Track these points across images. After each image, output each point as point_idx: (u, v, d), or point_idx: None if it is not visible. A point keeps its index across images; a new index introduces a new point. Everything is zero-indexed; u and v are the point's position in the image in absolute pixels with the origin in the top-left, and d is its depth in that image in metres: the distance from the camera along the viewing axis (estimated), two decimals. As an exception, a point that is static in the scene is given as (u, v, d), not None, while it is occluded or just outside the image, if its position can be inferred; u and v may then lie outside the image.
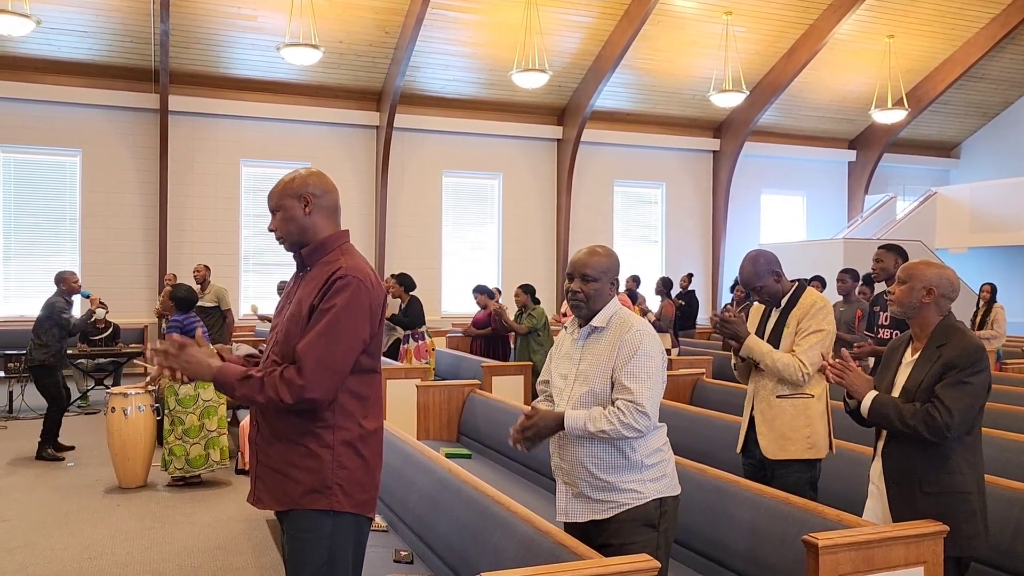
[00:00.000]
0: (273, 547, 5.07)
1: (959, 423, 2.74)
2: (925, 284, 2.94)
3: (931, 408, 2.75)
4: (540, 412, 2.74)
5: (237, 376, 2.36)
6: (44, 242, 13.68)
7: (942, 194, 19.06)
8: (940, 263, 3.08)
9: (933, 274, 2.95)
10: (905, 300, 2.97)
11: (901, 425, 2.80)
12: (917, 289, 2.94)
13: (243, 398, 2.38)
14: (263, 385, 2.33)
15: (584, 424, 2.64)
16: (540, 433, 2.72)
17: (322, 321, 2.34)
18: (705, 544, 3.41)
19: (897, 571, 2.57)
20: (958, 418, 2.73)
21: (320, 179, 2.54)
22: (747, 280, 3.78)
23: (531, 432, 2.71)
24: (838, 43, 15.66)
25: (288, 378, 2.31)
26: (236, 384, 2.36)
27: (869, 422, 2.96)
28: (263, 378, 2.34)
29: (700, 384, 6.98)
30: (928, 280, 2.94)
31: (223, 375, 2.38)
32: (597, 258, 2.80)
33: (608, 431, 2.61)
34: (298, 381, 2.30)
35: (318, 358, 2.31)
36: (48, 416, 7.55)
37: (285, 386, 2.30)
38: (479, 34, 14.09)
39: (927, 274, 2.95)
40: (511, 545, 2.93)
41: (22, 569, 4.69)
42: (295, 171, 2.57)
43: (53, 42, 12.77)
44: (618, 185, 17.35)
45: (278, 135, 14.66)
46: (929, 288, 2.93)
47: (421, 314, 8.85)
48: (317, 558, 2.39)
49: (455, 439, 6.26)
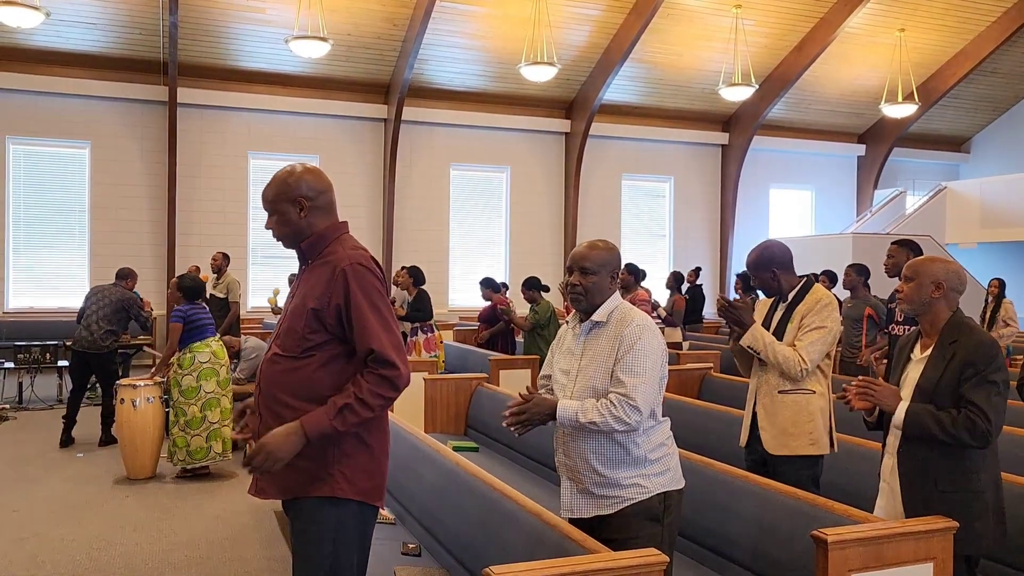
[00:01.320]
0: (281, 539, 5.08)
1: (997, 424, 2.74)
2: (933, 279, 2.92)
3: (970, 414, 2.72)
4: (536, 398, 2.73)
5: (330, 416, 2.33)
6: (53, 234, 13.74)
7: (952, 189, 18.96)
8: (945, 257, 3.07)
9: (940, 268, 2.93)
10: (914, 297, 2.94)
11: (943, 435, 2.74)
12: (926, 285, 2.92)
13: (353, 426, 2.36)
14: (364, 402, 2.34)
15: (575, 415, 2.64)
16: (532, 419, 2.71)
17: (363, 314, 2.38)
18: (711, 538, 3.41)
19: (907, 567, 2.56)
20: (995, 419, 2.73)
21: (315, 178, 2.54)
22: (748, 267, 3.85)
23: (525, 416, 2.71)
24: (849, 37, 15.58)
25: (380, 376, 2.35)
26: (335, 423, 2.33)
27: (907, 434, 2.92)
28: (358, 397, 2.33)
29: (708, 378, 6.96)
30: (935, 275, 2.92)
31: (313, 429, 2.32)
32: (596, 251, 2.79)
33: (598, 423, 2.60)
34: (394, 373, 2.36)
35: (392, 343, 2.38)
36: (107, 401, 7.82)
37: (387, 385, 2.36)
38: (487, 27, 14.06)
39: (934, 269, 2.93)
40: (518, 538, 2.94)
41: (32, 559, 4.72)
42: (289, 169, 2.55)
43: (62, 34, 12.79)
44: (626, 179, 17.31)
45: (286, 127, 14.67)
46: (938, 283, 2.91)
47: (429, 307, 8.85)
48: (322, 548, 2.40)
49: (462, 432, 6.27)
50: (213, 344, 6.61)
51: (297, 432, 2.32)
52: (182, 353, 6.51)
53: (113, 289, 8.08)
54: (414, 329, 8.84)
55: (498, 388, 6.45)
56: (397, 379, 2.36)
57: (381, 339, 2.37)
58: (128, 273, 8.32)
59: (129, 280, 8.28)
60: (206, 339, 6.56)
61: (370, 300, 2.39)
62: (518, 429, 2.73)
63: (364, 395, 2.33)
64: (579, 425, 2.64)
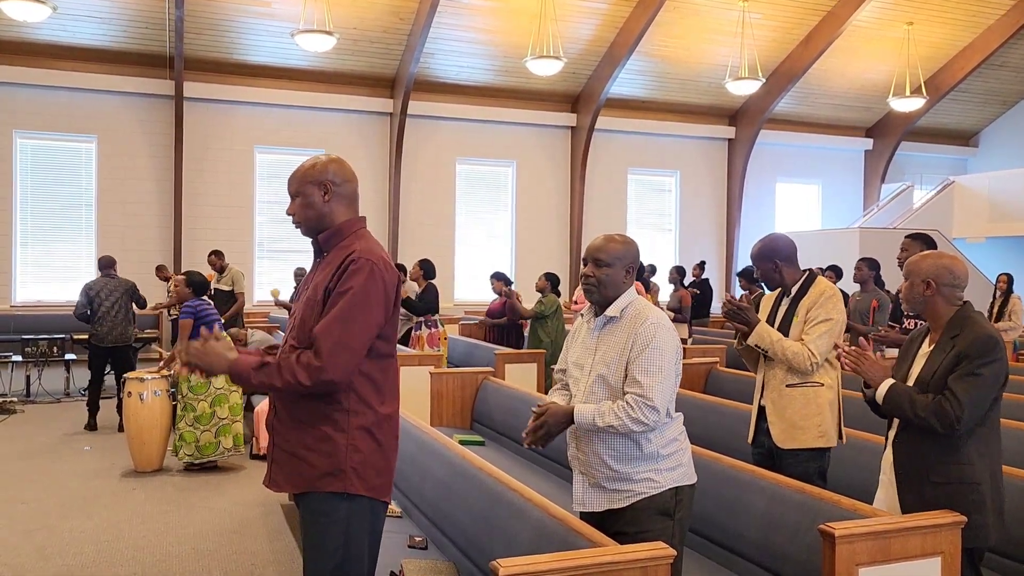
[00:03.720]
0: (288, 532, 5.10)
1: (969, 415, 2.72)
2: (923, 277, 2.92)
3: (942, 400, 2.74)
4: (550, 409, 2.73)
5: (252, 366, 2.38)
6: (60, 228, 13.77)
7: (960, 183, 18.86)
8: (939, 253, 3.05)
9: (928, 266, 2.92)
10: (908, 296, 2.98)
11: (913, 416, 2.79)
12: (916, 284, 2.93)
13: (260, 386, 2.39)
14: (280, 370, 2.35)
15: (593, 419, 2.64)
16: (551, 431, 2.72)
17: (338, 304, 2.36)
18: (719, 532, 3.41)
19: (914, 562, 2.56)
20: (968, 410, 2.71)
21: (340, 167, 2.56)
22: (752, 257, 3.89)
23: (543, 431, 2.72)
24: (856, 30, 15.50)
25: (305, 361, 2.33)
26: (252, 373, 2.37)
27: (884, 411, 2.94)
28: (279, 364, 2.36)
29: (714, 373, 6.96)
30: (924, 273, 2.92)
31: (238, 366, 2.39)
32: (613, 244, 2.79)
33: (616, 426, 2.61)
34: (315, 363, 2.32)
35: (335, 340, 2.33)
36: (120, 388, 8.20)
37: (303, 369, 2.33)
38: (493, 20, 14.03)
39: (922, 267, 2.93)
40: (525, 532, 2.94)
41: (40, 551, 4.74)
42: (316, 157, 2.58)
43: (68, 28, 12.80)
44: (632, 173, 17.27)
45: (292, 122, 14.67)
46: (927, 281, 2.91)
47: (436, 301, 8.86)
48: (333, 541, 2.41)
49: (468, 426, 6.28)
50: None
51: (228, 360, 2.39)
52: (190, 349, 6.51)
53: (115, 281, 8.36)
54: (418, 324, 8.85)
55: (504, 382, 6.45)
56: (316, 371, 2.32)
57: (329, 330, 2.34)
58: (113, 260, 8.58)
59: (115, 266, 8.54)
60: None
61: (355, 295, 2.36)
62: (539, 443, 2.74)
63: (284, 366, 2.35)
64: (597, 429, 2.65)
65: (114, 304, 8.18)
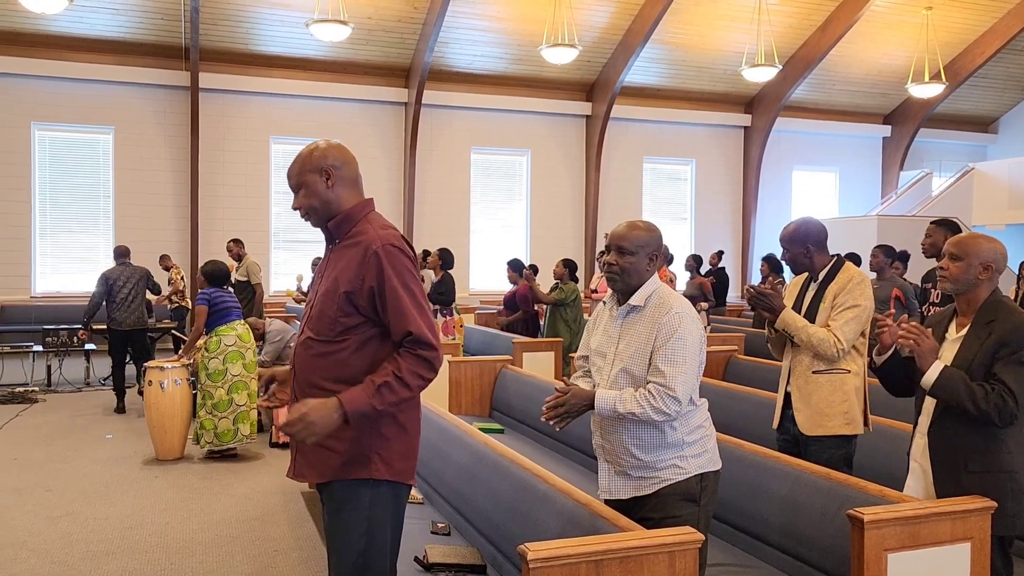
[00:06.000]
0: (309, 519, 5.13)
1: (1022, 405, 2.70)
2: (983, 261, 2.85)
3: (1003, 393, 2.68)
4: (572, 390, 2.71)
5: (368, 395, 2.31)
6: (78, 219, 13.87)
7: (979, 170, 18.66)
8: (989, 236, 2.99)
9: (988, 250, 2.86)
10: (961, 277, 2.86)
11: (971, 406, 2.70)
12: (974, 266, 2.85)
13: (390, 406, 2.34)
14: (403, 381, 2.33)
15: (614, 405, 2.63)
16: (571, 411, 2.70)
17: (397, 297, 2.36)
18: (743, 518, 3.40)
19: (943, 547, 2.54)
20: (1022, 401, 2.69)
21: (338, 150, 2.52)
22: (781, 241, 3.81)
23: (563, 409, 2.69)
24: (874, 15, 15.34)
25: (417, 356, 2.34)
26: (374, 402, 2.31)
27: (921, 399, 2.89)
28: (397, 376, 2.32)
29: (733, 360, 6.93)
30: (985, 257, 2.85)
31: (352, 406, 2.30)
32: (636, 232, 2.76)
33: (637, 414, 2.59)
34: (431, 354, 2.35)
35: (427, 325, 2.37)
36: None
37: (425, 365, 2.35)
38: (508, 9, 13.97)
39: (983, 250, 2.85)
40: (550, 518, 2.94)
41: (65, 537, 4.79)
42: (312, 145, 2.52)
43: (85, 20, 12.86)
44: (647, 161, 17.20)
45: (307, 112, 14.69)
46: (987, 265, 2.85)
47: (452, 291, 8.89)
48: (356, 528, 2.40)
49: (487, 414, 6.29)
50: (239, 327, 6.66)
51: (336, 408, 2.29)
52: (208, 336, 6.56)
53: (131, 268, 8.77)
54: (434, 312, 8.87)
55: (522, 370, 6.45)
56: (435, 360, 2.36)
57: (417, 321, 2.36)
58: (127, 250, 8.99)
59: (129, 255, 8.96)
60: (231, 322, 6.61)
61: (403, 282, 2.37)
62: (557, 423, 2.72)
63: (403, 374, 2.32)
64: (618, 415, 2.64)
65: (132, 290, 8.60)
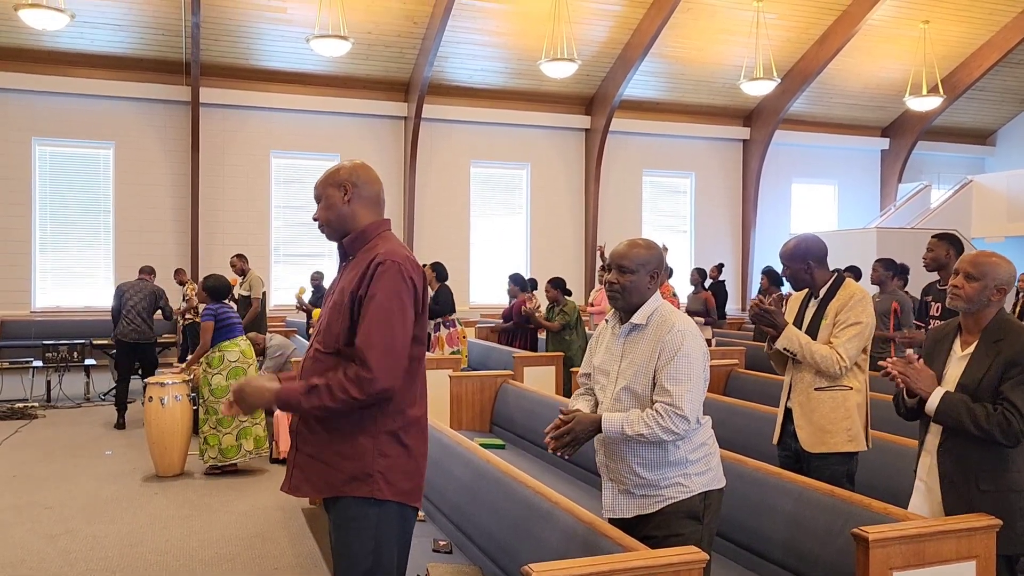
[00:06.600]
0: (310, 536, 5.11)
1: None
2: (998, 283, 2.88)
3: (1006, 412, 2.69)
4: (577, 415, 2.69)
5: (300, 391, 2.35)
6: (78, 234, 13.88)
7: (978, 182, 18.69)
8: (1004, 258, 3.00)
9: (1005, 273, 2.89)
10: (975, 297, 2.88)
11: (975, 429, 2.72)
12: (990, 288, 2.87)
13: (313, 409, 2.36)
14: (330, 390, 2.32)
15: (622, 427, 2.62)
16: (578, 438, 2.68)
17: (371, 310, 2.34)
18: (746, 535, 3.38)
19: (948, 565, 2.53)
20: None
21: (364, 171, 2.60)
22: (782, 257, 3.80)
23: (569, 437, 2.67)
24: (872, 29, 15.41)
25: (353, 375, 2.31)
26: (302, 399, 2.34)
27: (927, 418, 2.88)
28: (328, 384, 2.32)
29: (734, 375, 6.92)
30: (1002, 279, 2.88)
31: (285, 395, 2.38)
32: (636, 250, 2.76)
33: (646, 435, 2.59)
34: (366, 375, 2.30)
35: (379, 347, 2.32)
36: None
37: (353, 384, 2.31)
38: (507, 23, 14.04)
39: (1001, 272, 2.88)
40: (553, 536, 2.92)
41: (65, 555, 4.77)
42: (342, 162, 2.61)
43: (86, 36, 12.91)
44: (647, 175, 17.23)
45: (308, 126, 14.73)
46: (1002, 288, 2.88)
47: (450, 301, 8.88)
48: (363, 547, 2.39)
49: (488, 429, 6.27)
50: (242, 343, 6.65)
51: (274, 393, 2.39)
52: (212, 352, 6.55)
53: (144, 283, 9.02)
54: (436, 325, 8.86)
55: (523, 385, 6.44)
56: (368, 382, 2.30)
57: (371, 338, 2.32)
58: (152, 269, 9.45)
59: (152, 275, 9.34)
60: (235, 338, 6.61)
61: (387, 299, 2.35)
62: (565, 451, 2.70)
63: (333, 385, 2.32)
64: (627, 437, 2.63)
65: (137, 303, 8.76)
